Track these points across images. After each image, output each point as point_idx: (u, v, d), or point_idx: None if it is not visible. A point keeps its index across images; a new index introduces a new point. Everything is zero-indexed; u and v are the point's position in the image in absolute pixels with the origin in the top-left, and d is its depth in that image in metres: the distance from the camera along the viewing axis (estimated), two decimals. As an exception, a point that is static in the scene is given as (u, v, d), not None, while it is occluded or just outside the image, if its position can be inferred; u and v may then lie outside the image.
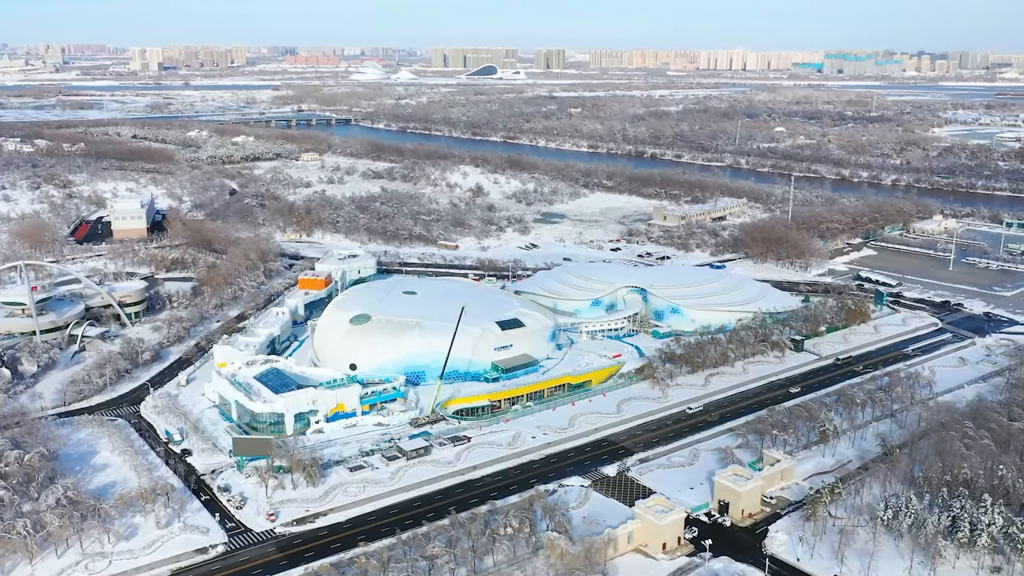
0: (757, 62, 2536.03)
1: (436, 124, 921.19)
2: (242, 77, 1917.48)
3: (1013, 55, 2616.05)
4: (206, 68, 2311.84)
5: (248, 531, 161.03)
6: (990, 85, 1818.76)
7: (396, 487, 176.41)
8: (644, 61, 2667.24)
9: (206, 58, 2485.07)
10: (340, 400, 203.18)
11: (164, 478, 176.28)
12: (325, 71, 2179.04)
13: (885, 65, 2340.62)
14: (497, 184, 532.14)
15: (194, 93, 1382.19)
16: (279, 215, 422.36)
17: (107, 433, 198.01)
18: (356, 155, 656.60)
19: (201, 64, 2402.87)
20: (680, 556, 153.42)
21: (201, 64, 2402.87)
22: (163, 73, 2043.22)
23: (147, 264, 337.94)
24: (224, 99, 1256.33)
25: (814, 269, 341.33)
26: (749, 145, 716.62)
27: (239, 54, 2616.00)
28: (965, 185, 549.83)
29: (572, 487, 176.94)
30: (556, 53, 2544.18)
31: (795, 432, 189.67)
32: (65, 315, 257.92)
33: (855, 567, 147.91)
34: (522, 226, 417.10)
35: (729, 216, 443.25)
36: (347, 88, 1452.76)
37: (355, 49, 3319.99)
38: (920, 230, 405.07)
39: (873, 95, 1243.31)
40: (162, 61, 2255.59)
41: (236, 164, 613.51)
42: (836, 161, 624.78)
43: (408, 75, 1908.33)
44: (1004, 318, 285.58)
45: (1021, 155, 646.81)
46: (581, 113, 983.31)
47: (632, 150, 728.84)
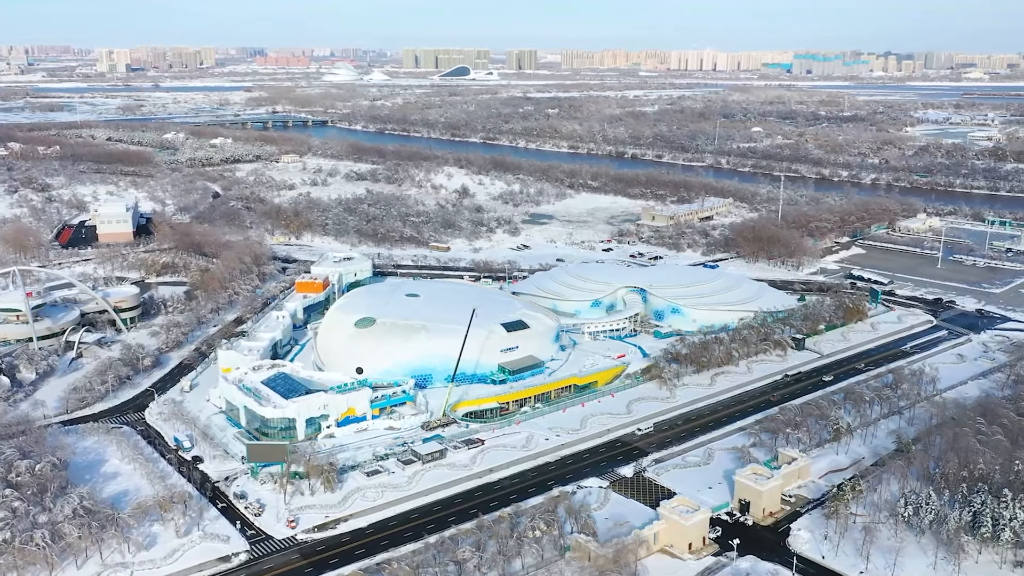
0: (727, 62, 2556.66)
1: (414, 125, 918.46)
2: (212, 78, 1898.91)
3: (976, 55, 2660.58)
4: (175, 69, 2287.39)
5: (269, 538, 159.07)
6: (956, 85, 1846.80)
7: (414, 491, 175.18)
8: (615, 61, 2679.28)
9: (175, 59, 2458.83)
10: (351, 404, 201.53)
11: (178, 486, 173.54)
12: (296, 72, 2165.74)
13: (853, 65, 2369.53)
14: (482, 185, 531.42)
15: (165, 95, 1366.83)
16: (266, 218, 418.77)
17: (114, 441, 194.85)
18: (337, 157, 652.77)
19: (170, 65, 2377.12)
20: (706, 556, 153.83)
21: (170, 65, 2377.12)
22: (131, 74, 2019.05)
23: (136, 268, 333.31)
24: (196, 101, 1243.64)
25: (806, 268, 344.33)
26: (728, 145, 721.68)
27: (208, 55, 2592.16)
28: (943, 183, 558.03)
29: (591, 488, 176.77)
30: (528, 54, 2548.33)
31: (808, 430, 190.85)
32: (61, 321, 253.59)
33: (879, 564, 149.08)
34: (511, 227, 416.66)
35: (716, 216, 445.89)
36: (321, 89, 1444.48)
37: (324, 50, 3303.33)
38: (906, 228, 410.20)
39: (844, 95, 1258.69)
40: (130, 62, 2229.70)
41: (216, 166, 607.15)
42: (816, 161, 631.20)
43: (381, 76, 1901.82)
44: (997, 315, 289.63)
45: (995, 154, 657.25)
46: (559, 114, 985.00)
47: (613, 151, 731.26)
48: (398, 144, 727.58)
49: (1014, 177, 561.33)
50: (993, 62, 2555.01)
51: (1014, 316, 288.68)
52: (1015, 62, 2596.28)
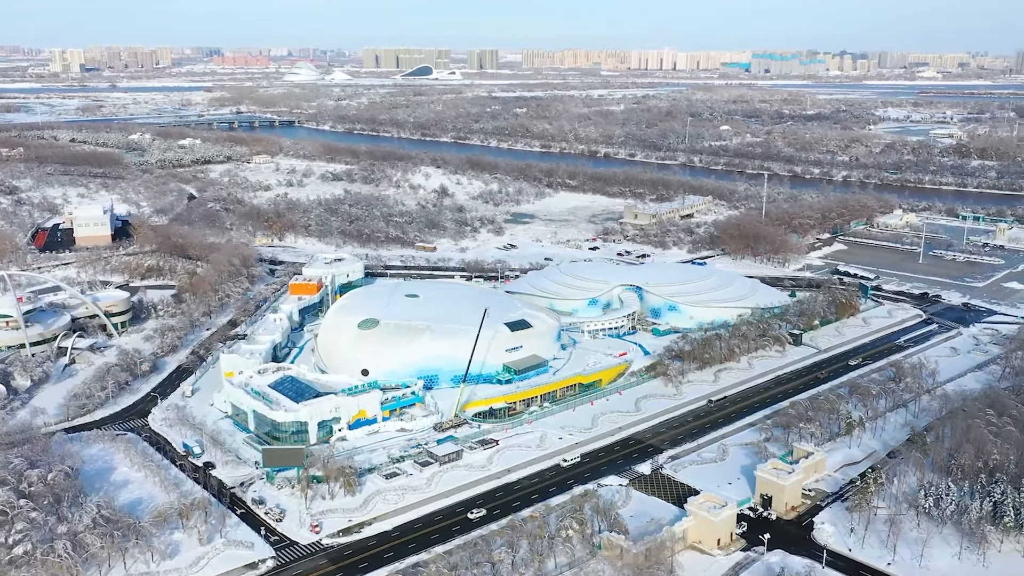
0: (687, 62, 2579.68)
1: (383, 125, 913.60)
2: (170, 79, 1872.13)
3: (929, 55, 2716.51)
4: (131, 69, 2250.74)
5: (294, 544, 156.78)
6: (911, 83, 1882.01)
7: (434, 493, 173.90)
8: (576, 61, 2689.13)
9: (130, 59, 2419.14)
10: (362, 407, 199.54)
11: (192, 493, 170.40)
12: (256, 72, 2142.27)
13: (810, 65, 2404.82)
14: (460, 185, 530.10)
15: (124, 95, 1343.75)
16: (246, 219, 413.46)
17: (121, 448, 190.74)
18: (309, 157, 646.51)
19: (125, 66, 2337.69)
20: (735, 551, 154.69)
21: (125, 66, 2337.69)
22: (86, 75, 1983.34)
23: (119, 272, 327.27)
24: (157, 101, 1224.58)
25: (792, 264, 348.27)
26: (699, 144, 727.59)
27: (164, 55, 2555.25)
28: (913, 180, 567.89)
29: (611, 486, 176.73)
30: (489, 53, 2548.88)
31: (820, 425, 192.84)
32: (52, 327, 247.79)
33: (905, 555, 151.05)
34: (495, 227, 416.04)
35: (696, 214, 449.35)
36: (283, 89, 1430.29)
37: (282, 50, 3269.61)
38: (884, 224, 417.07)
39: (806, 94, 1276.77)
40: (84, 62, 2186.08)
41: (187, 167, 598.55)
42: (787, 159, 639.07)
43: (343, 76, 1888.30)
44: (983, 308, 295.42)
45: (958, 151, 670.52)
46: (527, 113, 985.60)
47: (585, 149, 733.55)
48: (369, 144, 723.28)
49: (980, 174, 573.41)
50: (944, 61, 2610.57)
51: (999, 309, 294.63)
52: (965, 61, 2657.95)
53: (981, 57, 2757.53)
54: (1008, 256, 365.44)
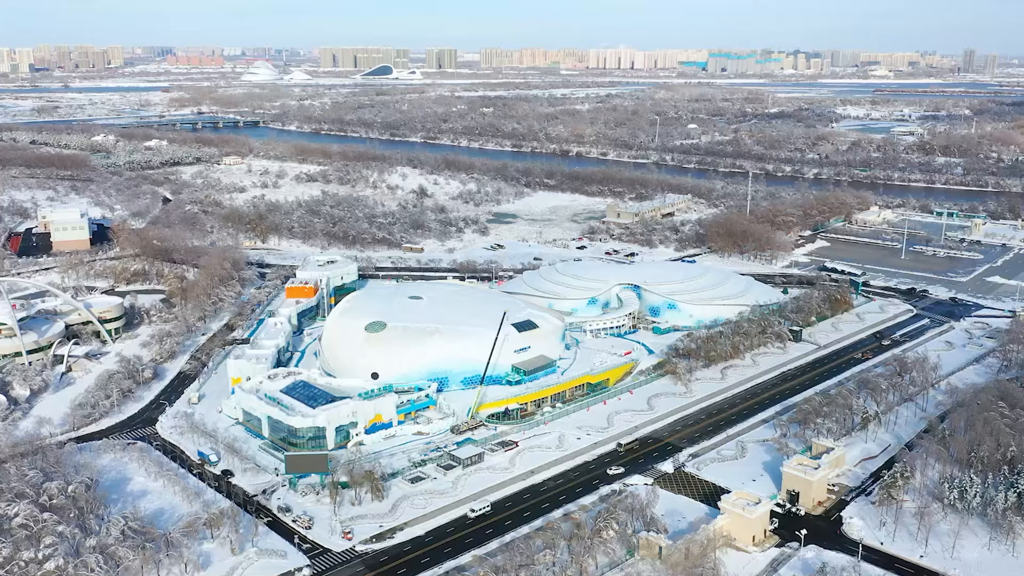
0: (644, 61, 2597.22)
1: (351, 125, 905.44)
2: (124, 79, 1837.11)
3: (880, 54, 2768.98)
4: (82, 70, 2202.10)
5: (327, 551, 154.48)
6: (864, 82, 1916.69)
7: (461, 496, 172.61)
8: (534, 60, 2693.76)
9: (80, 59, 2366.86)
10: (378, 411, 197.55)
11: (216, 502, 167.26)
12: (212, 72, 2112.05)
13: (766, 63, 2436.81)
14: (438, 185, 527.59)
15: (79, 96, 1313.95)
16: (227, 222, 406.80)
17: (134, 457, 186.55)
18: (281, 158, 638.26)
19: (76, 65, 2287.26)
20: (770, 547, 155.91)
21: (76, 65, 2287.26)
22: (36, 75, 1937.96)
23: (103, 277, 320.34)
24: (114, 102, 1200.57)
25: (779, 261, 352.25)
26: (670, 142, 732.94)
27: (115, 54, 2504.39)
28: (883, 177, 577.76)
29: (636, 486, 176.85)
30: (448, 53, 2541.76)
31: (837, 420, 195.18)
32: (46, 334, 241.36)
33: (936, 547, 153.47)
34: (479, 227, 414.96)
35: (677, 212, 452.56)
36: (243, 89, 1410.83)
37: (235, 49, 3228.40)
38: (862, 221, 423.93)
39: (766, 93, 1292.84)
40: (33, 62, 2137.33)
41: (156, 169, 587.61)
42: (758, 157, 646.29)
43: (302, 76, 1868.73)
44: (970, 302, 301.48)
45: (922, 148, 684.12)
46: (494, 113, 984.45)
47: (557, 149, 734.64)
48: (339, 145, 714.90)
49: (947, 170, 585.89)
50: (895, 60, 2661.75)
51: (985, 303, 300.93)
52: (915, 60, 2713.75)
53: (930, 56, 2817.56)
54: (986, 251, 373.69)
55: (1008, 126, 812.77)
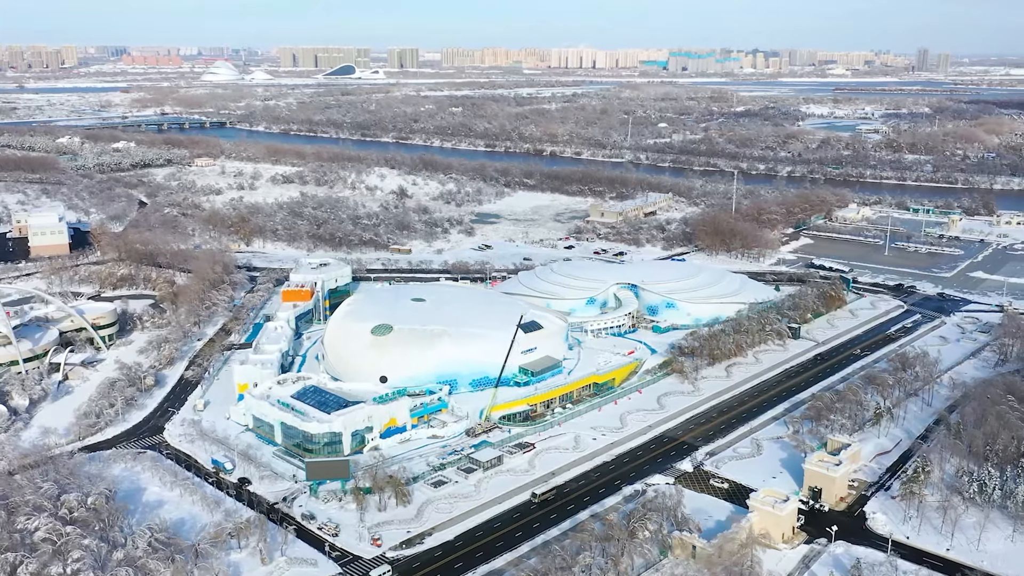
0: (606, 60, 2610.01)
1: (321, 126, 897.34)
2: (80, 79, 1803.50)
3: (836, 53, 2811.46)
4: (35, 70, 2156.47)
5: (357, 559, 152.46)
6: (823, 80, 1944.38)
7: (486, 499, 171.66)
8: (496, 59, 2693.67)
9: (33, 59, 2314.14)
10: (392, 415, 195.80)
11: (238, 511, 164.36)
12: (170, 72, 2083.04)
13: (725, 62, 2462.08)
14: (417, 186, 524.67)
15: (36, 96, 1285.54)
16: (209, 225, 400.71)
17: (146, 467, 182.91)
18: (253, 159, 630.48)
19: (29, 66, 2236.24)
20: (799, 544, 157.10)
21: (29, 66, 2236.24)
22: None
23: (88, 283, 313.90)
24: (73, 103, 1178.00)
25: (767, 259, 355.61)
26: (641, 141, 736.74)
27: (69, 54, 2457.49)
28: (855, 175, 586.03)
29: (658, 485, 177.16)
30: (409, 52, 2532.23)
31: (851, 416, 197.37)
32: (41, 342, 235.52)
33: (960, 540, 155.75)
34: (465, 227, 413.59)
35: (659, 211, 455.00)
36: (206, 90, 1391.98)
37: (192, 49, 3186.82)
38: (842, 218, 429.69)
39: (730, 91, 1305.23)
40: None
41: (126, 171, 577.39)
42: (731, 155, 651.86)
43: (263, 75, 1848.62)
44: (957, 297, 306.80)
45: (889, 146, 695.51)
46: (463, 113, 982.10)
47: (531, 148, 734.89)
48: (311, 145, 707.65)
49: (917, 168, 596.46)
50: (851, 59, 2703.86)
51: (972, 298, 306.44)
52: (870, 59, 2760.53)
53: (884, 55, 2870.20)
54: (965, 247, 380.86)
55: (968, 124, 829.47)
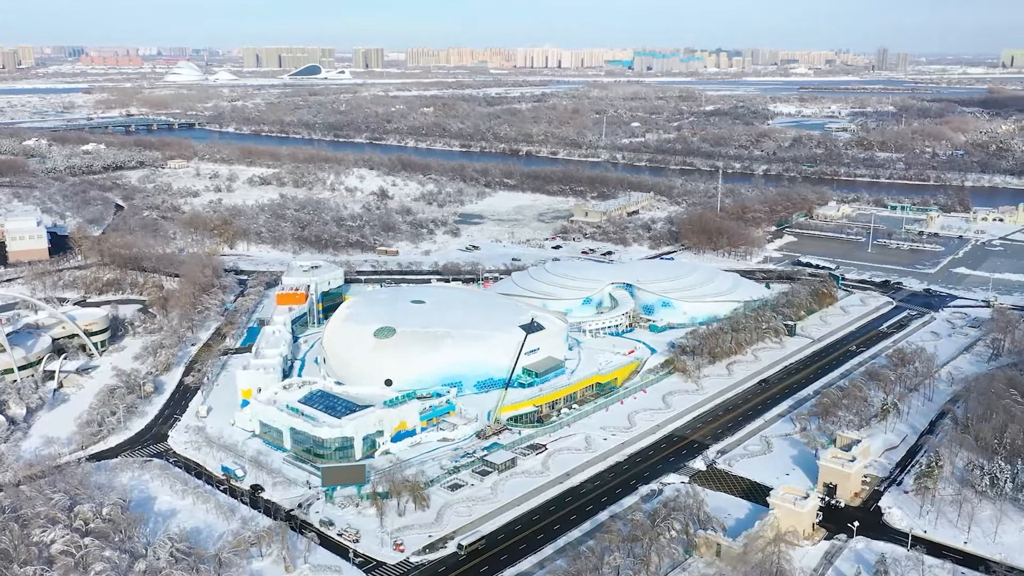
0: (571, 59, 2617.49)
1: (292, 127, 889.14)
2: (39, 80, 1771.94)
3: (798, 52, 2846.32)
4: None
5: (382, 564, 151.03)
6: (787, 79, 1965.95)
7: (504, 502, 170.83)
8: (462, 59, 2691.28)
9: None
10: (402, 418, 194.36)
11: (254, 518, 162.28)
12: (131, 72, 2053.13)
13: (689, 62, 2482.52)
14: (396, 186, 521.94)
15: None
16: (191, 228, 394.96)
17: (154, 475, 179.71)
18: (227, 161, 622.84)
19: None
20: (819, 540, 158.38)
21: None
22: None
23: (73, 288, 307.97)
24: (35, 104, 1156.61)
25: (753, 257, 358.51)
26: (615, 141, 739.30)
27: (26, 54, 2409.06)
28: (830, 173, 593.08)
29: (673, 484, 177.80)
30: (375, 52, 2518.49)
31: (858, 412, 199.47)
32: (34, 350, 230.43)
33: (976, 533, 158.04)
34: (450, 228, 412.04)
35: (641, 210, 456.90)
36: (170, 90, 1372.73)
37: (151, 49, 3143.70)
38: (823, 216, 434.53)
39: (698, 91, 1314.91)
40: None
41: (99, 174, 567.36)
42: (707, 154, 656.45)
43: (227, 76, 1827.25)
44: (943, 293, 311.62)
45: (860, 144, 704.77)
46: (435, 112, 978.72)
47: (506, 148, 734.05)
48: (288, 147, 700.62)
49: (889, 166, 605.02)
50: (812, 58, 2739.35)
51: (957, 293, 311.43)
52: (831, 58, 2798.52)
53: (845, 54, 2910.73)
54: (945, 243, 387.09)
55: (934, 122, 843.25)
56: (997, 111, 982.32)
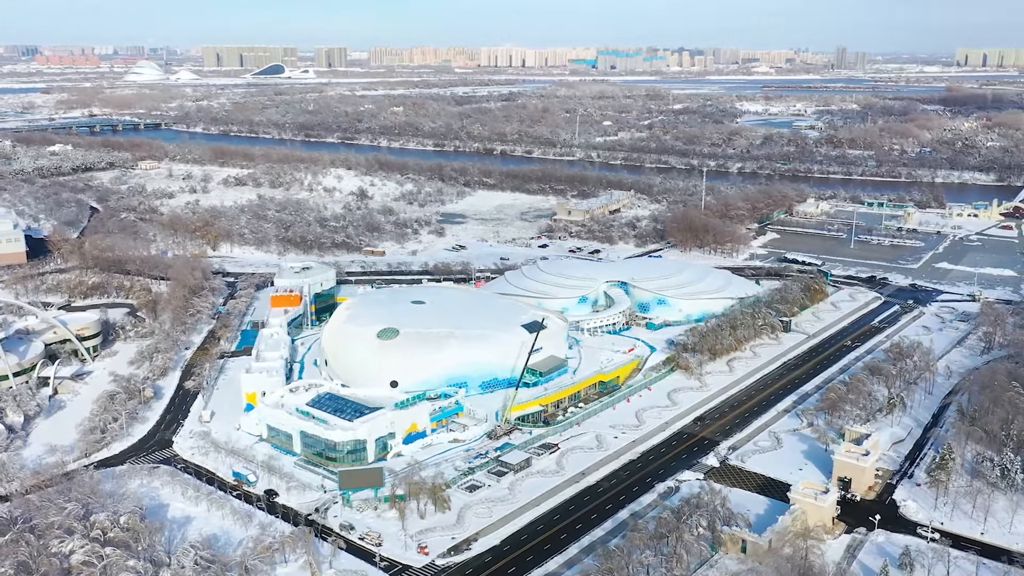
0: (535, 59, 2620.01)
1: (262, 126, 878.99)
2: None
3: (758, 51, 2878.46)
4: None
5: (408, 568, 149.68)
6: (750, 78, 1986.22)
7: (523, 502, 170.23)
8: (425, 59, 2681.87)
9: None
10: (413, 420, 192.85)
11: (273, 523, 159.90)
12: (89, 72, 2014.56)
13: (652, 61, 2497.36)
14: (375, 186, 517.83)
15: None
16: (171, 229, 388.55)
17: (164, 482, 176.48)
18: (199, 162, 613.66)
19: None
20: (840, 534, 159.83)
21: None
22: None
23: (56, 292, 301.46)
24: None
25: (739, 254, 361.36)
26: (590, 139, 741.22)
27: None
28: (803, 170, 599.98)
29: (689, 481, 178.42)
30: (337, 51, 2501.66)
31: (864, 407, 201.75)
32: (27, 356, 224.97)
33: (991, 524, 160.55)
34: (435, 228, 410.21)
35: (622, 209, 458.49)
36: (132, 90, 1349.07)
37: (107, 48, 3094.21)
38: (803, 213, 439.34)
39: (665, 90, 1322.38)
40: None
41: (68, 176, 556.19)
42: (681, 152, 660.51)
43: (189, 75, 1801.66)
44: (929, 288, 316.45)
45: (831, 142, 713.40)
46: (404, 112, 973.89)
47: (480, 147, 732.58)
48: (261, 147, 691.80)
49: (861, 163, 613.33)
50: (772, 57, 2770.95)
51: (943, 288, 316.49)
52: (791, 57, 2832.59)
53: (804, 53, 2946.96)
54: (925, 238, 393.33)
55: (898, 120, 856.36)
56: (958, 109, 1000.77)
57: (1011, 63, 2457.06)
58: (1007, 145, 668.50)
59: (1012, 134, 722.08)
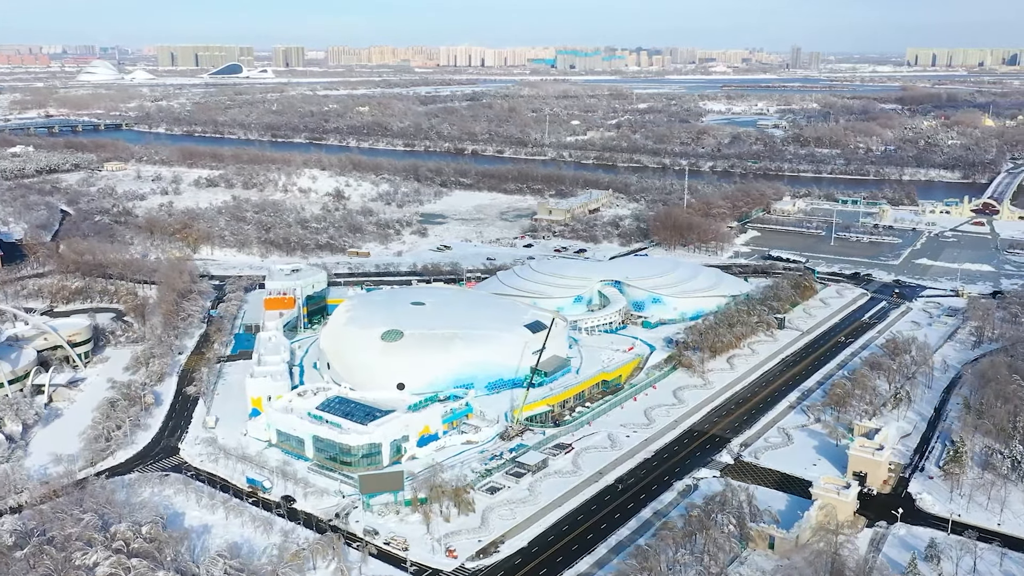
0: (495, 58, 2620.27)
1: (227, 127, 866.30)
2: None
3: (715, 51, 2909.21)
4: None
5: (438, 572, 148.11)
6: (708, 78, 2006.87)
7: (544, 503, 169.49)
8: (384, 58, 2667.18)
9: None
10: (426, 422, 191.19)
11: (295, 530, 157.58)
12: (40, 72, 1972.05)
13: (611, 60, 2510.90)
14: (350, 187, 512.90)
15: None
16: (148, 232, 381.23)
17: (176, 490, 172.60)
18: (167, 163, 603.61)
19: None
20: (862, 528, 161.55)
21: None
22: None
23: (37, 297, 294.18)
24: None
25: (724, 252, 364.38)
26: (560, 139, 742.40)
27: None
28: (773, 169, 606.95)
29: (706, 479, 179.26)
30: (295, 50, 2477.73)
31: (870, 402, 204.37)
32: (20, 363, 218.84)
33: (1007, 515, 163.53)
34: (417, 229, 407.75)
35: (602, 208, 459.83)
36: (88, 90, 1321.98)
37: (56, 47, 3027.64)
38: (780, 210, 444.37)
39: (628, 90, 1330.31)
40: None
41: (32, 178, 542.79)
42: (652, 151, 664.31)
43: (144, 75, 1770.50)
44: (912, 284, 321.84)
45: (798, 140, 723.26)
46: (370, 112, 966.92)
47: (451, 147, 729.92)
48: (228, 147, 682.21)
49: (829, 161, 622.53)
50: (729, 56, 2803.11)
51: (925, 284, 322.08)
52: (747, 56, 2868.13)
53: (759, 53, 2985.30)
54: (902, 235, 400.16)
55: (859, 119, 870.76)
56: (915, 108, 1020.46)
57: (960, 63, 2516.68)
58: (967, 143, 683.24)
59: (971, 132, 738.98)
